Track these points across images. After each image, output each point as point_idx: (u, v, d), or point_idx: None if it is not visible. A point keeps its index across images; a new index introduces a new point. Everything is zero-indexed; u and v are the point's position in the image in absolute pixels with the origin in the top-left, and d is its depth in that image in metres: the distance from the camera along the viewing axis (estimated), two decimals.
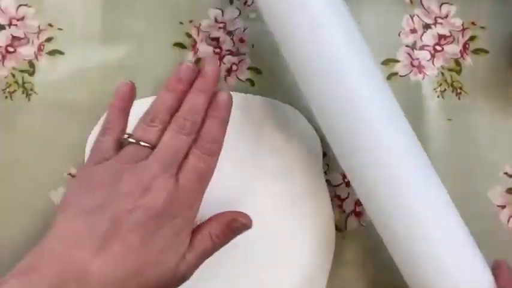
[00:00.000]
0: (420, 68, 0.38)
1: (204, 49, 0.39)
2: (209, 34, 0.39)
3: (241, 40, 0.39)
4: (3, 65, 0.38)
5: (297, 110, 0.37)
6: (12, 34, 0.39)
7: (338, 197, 0.37)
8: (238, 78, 0.38)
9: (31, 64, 0.38)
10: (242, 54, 0.39)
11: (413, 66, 0.38)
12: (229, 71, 0.39)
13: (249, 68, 0.38)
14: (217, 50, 0.39)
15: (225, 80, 0.38)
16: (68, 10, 0.39)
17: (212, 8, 0.39)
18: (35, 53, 0.39)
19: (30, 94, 0.38)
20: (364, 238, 0.36)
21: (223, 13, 0.39)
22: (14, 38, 0.39)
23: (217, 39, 0.39)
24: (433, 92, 0.38)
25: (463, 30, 0.39)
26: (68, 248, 0.28)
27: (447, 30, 0.39)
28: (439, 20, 0.39)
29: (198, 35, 0.39)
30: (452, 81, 0.38)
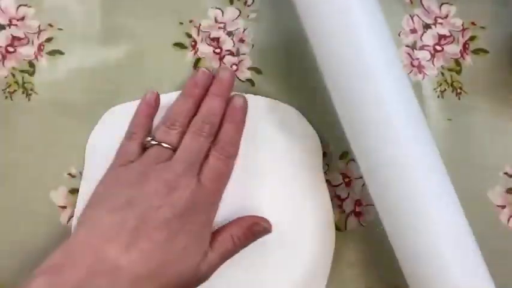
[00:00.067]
0: (420, 68, 0.38)
1: (204, 49, 0.39)
2: (209, 34, 0.39)
3: (241, 40, 0.39)
4: (3, 65, 0.38)
5: (297, 110, 0.37)
6: (12, 34, 0.39)
7: (338, 197, 0.37)
8: (238, 78, 0.38)
9: (31, 64, 0.38)
10: (242, 54, 0.39)
11: (413, 66, 0.38)
12: None
13: (249, 68, 0.38)
14: (217, 50, 0.39)
15: None
16: (68, 10, 0.39)
17: (212, 8, 0.39)
18: (35, 53, 0.39)
19: (30, 94, 0.38)
20: (364, 238, 0.36)
21: (223, 13, 0.39)
22: (14, 38, 0.39)
23: (217, 39, 0.39)
24: (433, 92, 0.38)
25: (463, 30, 0.39)
26: (100, 243, 0.28)
27: (447, 30, 0.39)
28: (439, 20, 0.39)
29: (198, 35, 0.39)
30: (452, 81, 0.38)
